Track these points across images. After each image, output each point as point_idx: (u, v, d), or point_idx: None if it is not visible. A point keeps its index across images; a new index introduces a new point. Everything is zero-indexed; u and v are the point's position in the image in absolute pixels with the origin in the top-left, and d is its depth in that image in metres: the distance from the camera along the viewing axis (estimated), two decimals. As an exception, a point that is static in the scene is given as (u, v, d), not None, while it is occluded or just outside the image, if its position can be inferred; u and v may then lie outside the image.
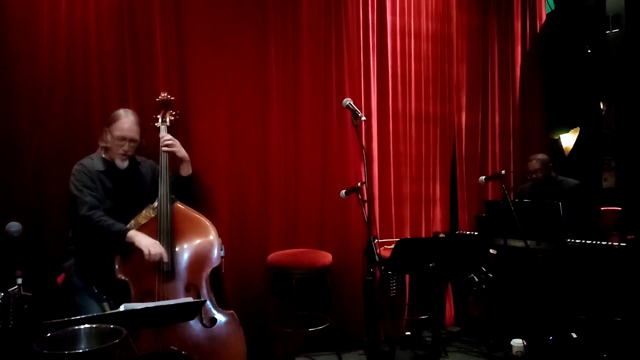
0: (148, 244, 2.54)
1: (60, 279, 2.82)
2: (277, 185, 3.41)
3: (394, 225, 3.74)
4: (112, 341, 1.85)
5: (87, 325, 1.93)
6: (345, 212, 3.50)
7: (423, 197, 3.91)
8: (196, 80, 3.23)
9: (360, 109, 3.40)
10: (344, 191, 2.87)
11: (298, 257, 3.27)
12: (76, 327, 1.92)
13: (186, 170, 2.92)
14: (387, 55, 3.74)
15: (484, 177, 3.48)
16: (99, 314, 2.27)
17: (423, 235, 3.88)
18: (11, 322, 2.28)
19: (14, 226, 2.23)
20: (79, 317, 2.02)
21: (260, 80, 3.39)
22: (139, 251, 2.54)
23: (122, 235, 2.56)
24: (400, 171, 3.79)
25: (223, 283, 3.15)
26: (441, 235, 3.85)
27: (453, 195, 4.11)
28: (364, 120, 2.67)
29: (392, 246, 3.10)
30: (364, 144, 3.24)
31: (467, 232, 3.94)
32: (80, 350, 1.83)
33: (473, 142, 4.17)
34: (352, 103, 2.66)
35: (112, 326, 1.93)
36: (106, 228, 2.56)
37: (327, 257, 3.29)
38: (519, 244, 3.18)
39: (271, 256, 3.29)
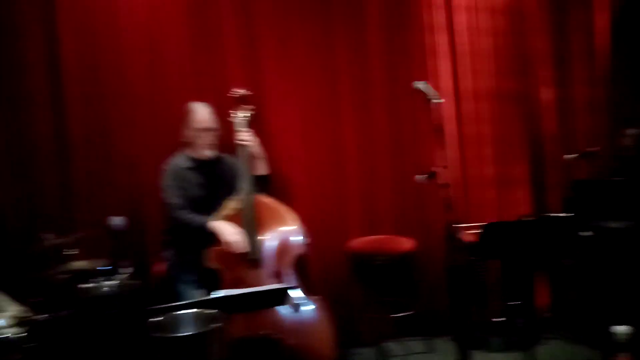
0: (229, 234, 2.68)
1: (160, 267, 3.04)
2: (354, 173, 3.44)
3: (474, 209, 3.62)
4: (213, 325, 1.99)
5: (189, 311, 2.08)
6: (424, 198, 3.45)
7: (504, 179, 3.73)
8: (268, 75, 3.33)
9: (432, 90, 3.32)
10: (421, 176, 2.84)
11: (379, 243, 3.29)
12: (180, 312, 2.08)
13: (262, 168, 3.00)
14: (456, 32, 3.62)
15: (570, 155, 3.29)
16: (198, 299, 2.43)
17: (505, 219, 3.72)
18: (122, 308, 2.50)
19: (118, 220, 2.44)
20: (181, 302, 2.18)
21: (330, 69, 3.42)
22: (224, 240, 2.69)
23: (203, 228, 2.72)
24: (478, 153, 3.65)
25: (307, 270, 3.23)
26: (529, 218, 3.68)
27: (537, 176, 3.90)
28: (439, 102, 2.61)
29: (476, 231, 3.01)
30: (438, 126, 3.17)
31: (557, 214, 3.73)
32: (186, 334, 1.98)
33: (557, 118, 3.92)
34: (424, 85, 2.62)
35: (211, 311, 2.07)
36: (191, 222, 2.75)
37: (408, 243, 3.27)
38: (614, 224, 2.98)
39: (352, 243, 3.33)
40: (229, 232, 2.69)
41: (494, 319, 3.57)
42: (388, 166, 3.48)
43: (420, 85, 2.59)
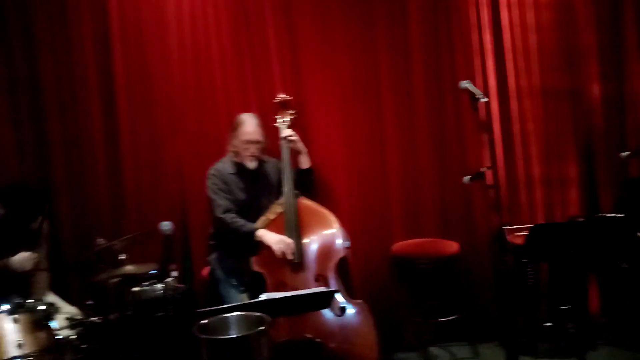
0: (276, 241, 2.72)
1: (205, 271, 3.10)
2: (396, 175, 3.39)
3: (524, 210, 3.50)
4: (259, 327, 2.00)
5: (236, 314, 2.11)
6: (469, 200, 3.37)
7: (556, 178, 3.60)
8: (310, 78, 3.33)
9: (477, 89, 3.24)
10: (467, 177, 2.77)
11: (423, 246, 3.24)
12: (227, 315, 2.10)
13: (305, 162, 3.06)
14: (504, 29, 3.50)
15: (625, 152, 3.14)
16: (244, 302, 2.47)
17: (558, 220, 3.59)
18: (170, 311, 2.56)
19: (166, 225, 2.51)
20: (227, 305, 2.21)
21: (371, 71, 3.38)
22: (270, 247, 2.72)
23: (252, 235, 2.78)
24: (528, 152, 3.52)
25: (349, 273, 3.21)
26: (580, 219, 3.53)
27: (588, 174, 3.74)
28: (484, 101, 2.54)
29: (524, 233, 2.92)
30: (484, 125, 3.09)
31: (611, 215, 3.56)
32: (234, 336, 2.01)
33: (610, 114, 3.73)
34: (470, 84, 2.56)
35: (257, 314, 2.09)
36: (237, 229, 2.81)
37: (453, 246, 3.21)
38: (675, 225, 2.82)
39: (395, 246, 3.29)
40: (274, 239, 2.74)
41: (543, 324, 3.45)
42: (432, 167, 3.41)
43: (466, 84, 2.53)
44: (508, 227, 3.29)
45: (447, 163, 3.42)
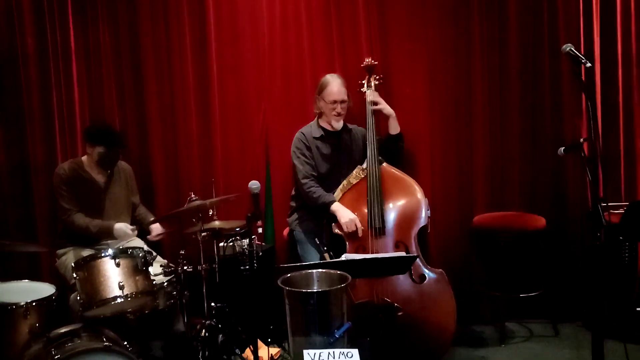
0: (347, 220, 2.74)
1: (285, 232, 3.20)
2: (482, 145, 3.27)
3: (622, 187, 3.26)
4: (340, 285, 2.06)
5: (319, 270, 2.17)
6: (561, 173, 3.21)
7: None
8: (397, 43, 3.26)
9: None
10: (562, 148, 2.60)
11: (507, 219, 3.13)
12: (310, 271, 2.18)
13: (394, 127, 3.02)
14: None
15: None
16: (326, 261, 2.53)
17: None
18: (255, 265, 2.69)
19: (255, 184, 2.60)
20: (310, 262, 2.29)
21: (462, 35, 3.24)
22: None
23: (327, 207, 2.82)
24: (632, 124, 3.25)
25: (429, 242, 3.18)
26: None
27: None
28: (588, 66, 2.35)
29: (621, 210, 2.74)
30: (586, 93, 2.87)
31: None
32: (315, 290, 2.08)
33: None
34: (573, 49, 2.38)
35: (339, 272, 2.14)
36: (314, 199, 2.86)
37: (539, 221, 3.07)
38: None
39: (477, 218, 3.20)
40: (345, 216, 2.76)
41: (636, 308, 3.24)
42: (522, 137, 3.26)
43: (569, 47, 2.35)
44: (604, 203, 3.09)
45: (539, 133, 3.25)
